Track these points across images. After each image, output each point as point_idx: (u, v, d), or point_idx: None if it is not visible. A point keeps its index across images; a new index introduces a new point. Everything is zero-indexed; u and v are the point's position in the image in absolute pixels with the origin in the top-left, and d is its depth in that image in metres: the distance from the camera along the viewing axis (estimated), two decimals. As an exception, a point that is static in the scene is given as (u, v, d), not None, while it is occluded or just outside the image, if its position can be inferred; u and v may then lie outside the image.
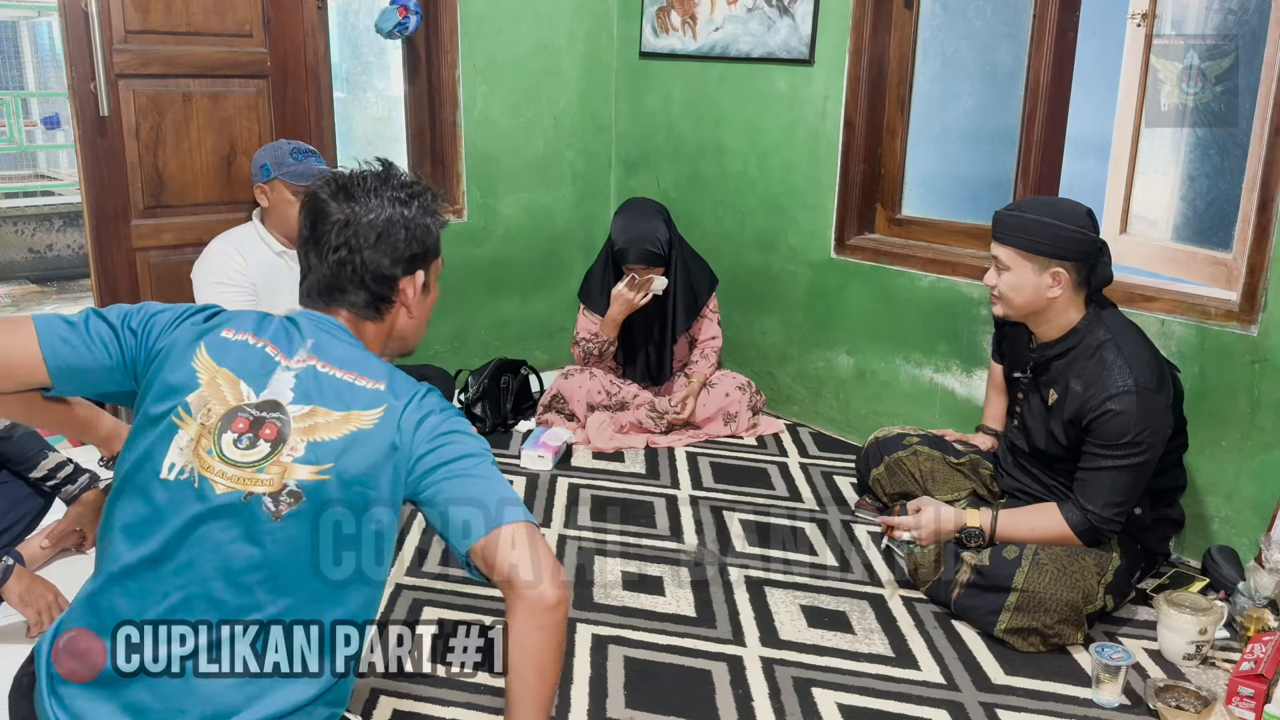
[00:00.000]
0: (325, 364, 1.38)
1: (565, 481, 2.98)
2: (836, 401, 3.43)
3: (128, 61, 2.88)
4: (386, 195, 1.43)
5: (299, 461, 1.31)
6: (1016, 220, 2.18)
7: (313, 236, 1.42)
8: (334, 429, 1.34)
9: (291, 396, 1.35)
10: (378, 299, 1.44)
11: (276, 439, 1.32)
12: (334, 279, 1.42)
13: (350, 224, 1.40)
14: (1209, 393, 2.49)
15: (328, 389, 1.36)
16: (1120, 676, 1.97)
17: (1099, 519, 2.14)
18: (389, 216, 1.42)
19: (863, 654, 2.14)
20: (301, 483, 1.31)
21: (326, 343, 1.41)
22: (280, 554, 1.30)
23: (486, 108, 3.67)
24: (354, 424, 1.34)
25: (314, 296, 1.45)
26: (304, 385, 1.36)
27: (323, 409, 1.34)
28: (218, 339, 1.39)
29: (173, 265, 3.00)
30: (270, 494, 1.30)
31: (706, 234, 3.65)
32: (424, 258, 1.47)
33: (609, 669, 2.05)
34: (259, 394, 1.35)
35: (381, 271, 1.42)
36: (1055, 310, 2.19)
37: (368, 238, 1.41)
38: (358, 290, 1.42)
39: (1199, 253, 2.70)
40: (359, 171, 1.46)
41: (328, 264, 1.41)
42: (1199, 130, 2.86)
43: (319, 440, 1.33)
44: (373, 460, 1.33)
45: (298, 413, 1.34)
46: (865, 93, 3.19)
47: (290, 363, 1.38)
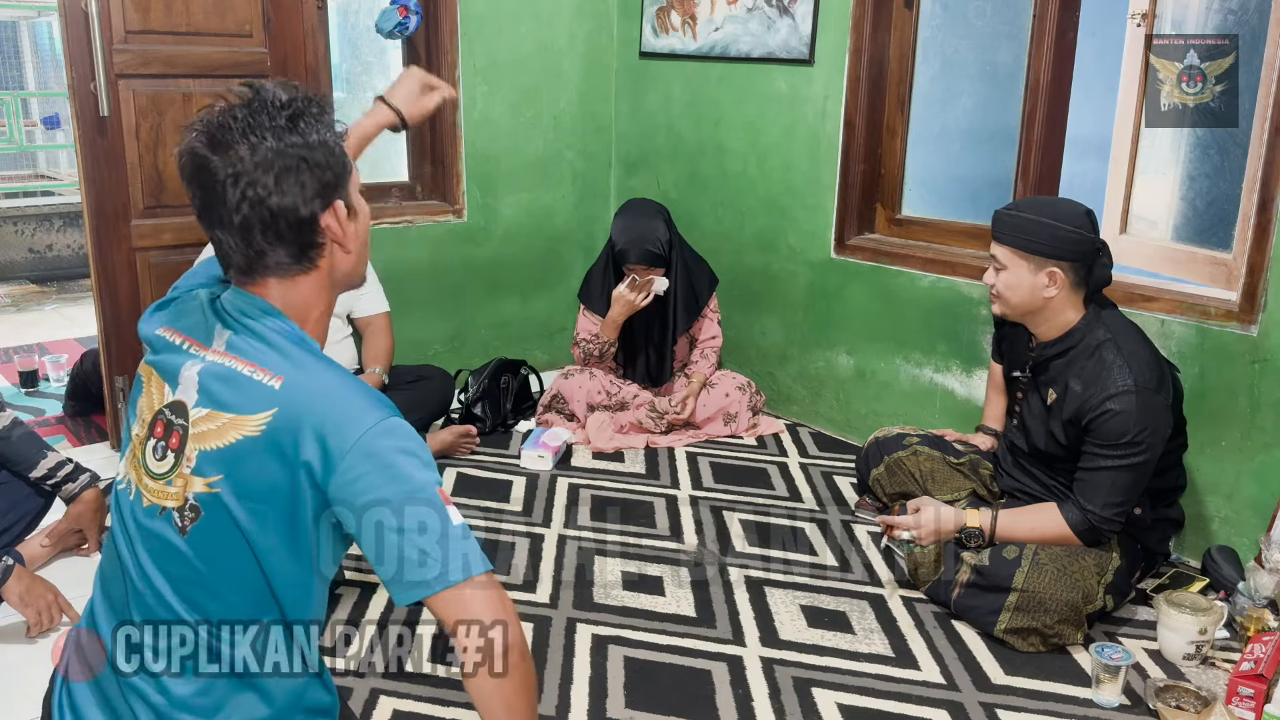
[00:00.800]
0: (231, 355, 1.21)
1: (565, 481, 2.98)
2: (836, 401, 3.43)
3: (128, 61, 2.88)
4: (265, 126, 1.17)
5: (193, 473, 1.19)
6: (1014, 220, 2.18)
7: (206, 204, 1.19)
8: (221, 435, 1.18)
9: (195, 398, 1.21)
10: (304, 248, 1.22)
11: (179, 448, 1.21)
12: (248, 243, 1.19)
13: (241, 175, 1.16)
14: (1209, 393, 2.49)
15: (225, 386, 1.19)
16: (1120, 676, 1.97)
17: (1099, 519, 2.14)
18: (278, 149, 1.16)
19: (863, 654, 2.14)
20: (198, 496, 1.18)
21: (244, 329, 1.23)
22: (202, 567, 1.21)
23: (486, 108, 3.67)
24: (240, 430, 1.16)
25: (237, 271, 1.24)
26: (205, 383, 1.21)
27: (215, 412, 1.19)
28: (155, 338, 1.30)
29: (173, 265, 3.00)
30: (177, 509, 1.20)
31: (706, 234, 3.66)
32: (336, 182, 1.22)
33: (609, 669, 2.05)
34: (173, 394, 1.23)
35: (297, 215, 1.19)
36: (1053, 310, 2.20)
37: (265, 183, 1.16)
38: (277, 247, 1.20)
39: (1199, 253, 2.70)
40: (226, 108, 1.19)
41: (235, 229, 1.18)
42: (1199, 130, 2.86)
43: (208, 449, 1.18)
44: (266, 476, 1.16)
45: (196, 416, 1.20)
46: (865, 93, 3.19)
47: (205, 353, 1.23)
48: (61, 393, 3.62)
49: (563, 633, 2.17)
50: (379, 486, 1.15)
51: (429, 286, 3.67)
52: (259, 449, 1.16)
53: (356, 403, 1.17)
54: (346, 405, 1.17)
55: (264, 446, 1.16)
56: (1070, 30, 2.87)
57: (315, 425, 1.15)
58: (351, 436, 1.15)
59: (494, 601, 1.18)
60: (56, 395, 3.67)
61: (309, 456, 1.15)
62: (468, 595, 1.16)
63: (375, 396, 1.20)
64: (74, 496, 2.32)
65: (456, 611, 1.16)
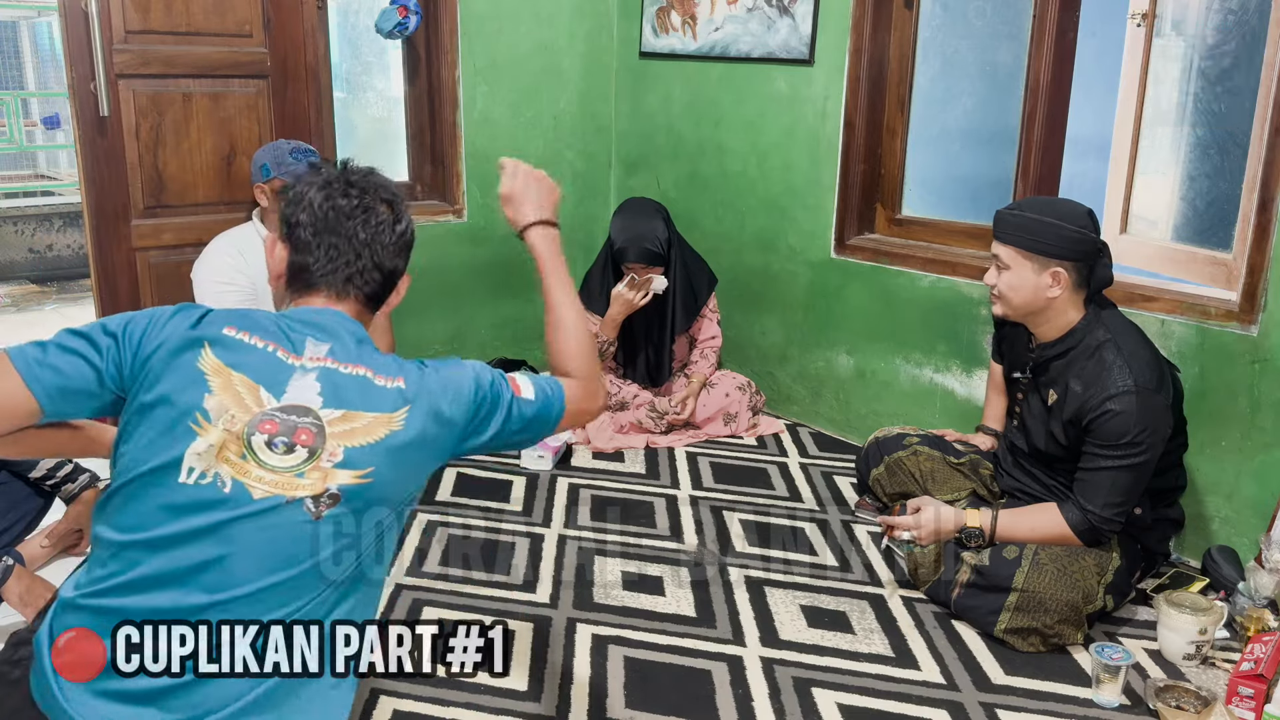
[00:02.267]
0: (339, 363, 1.39)
1: (565, 481, 2.98)
2: (836, 401, 3.43)
3: (128, 61, 2.88)
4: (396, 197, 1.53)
5: (339, 467, 1.33)
6: (1017, 219, 2.18)
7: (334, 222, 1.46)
8: (369, 433, 1.36)
9: (320, 401, 1.36)
10: (384, 293, 1.51)
11: (314, 444, 1.34)
12: (359, 270, 1.47)
13: (389, 223, 1.49)
14: (1209, 393, 2.49)
15: (351, 390, 1.38)
16: (1120, 676, 1.97)
17: (1099, 519, 2.14)
18: (406, 227, 1.52)
19: (863, 654, 2.14)
20: (343, 487, 1.33)
21: (336, 339, 1.42)
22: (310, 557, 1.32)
23: (486, 108, 3.67)
24: (386, 427, 1.37)
25: (326, 284, 1.47)
26: (327, 388, 1.37)
27: (353, 412, 1.36)
28: (222, 338, 1.36)
29: (173, 265, 3.01)
30: (312, 496, 1.32)
31: (706, 234, 3.66)
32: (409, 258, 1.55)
33: (609, 669, 2.05)
34: (280, 398, 1.35)
35: (398, 268, 1.51)
36: (1054, 310, 2.19)
37: (399, 245, 1.50)
38: (373, 283, 1.48)
39: (1199, 253, 2.70)
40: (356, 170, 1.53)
41: (355, 254, 1.46)
42: (1199, 130, 2.86)
43: (356, 445, 1.35)
44: (412, 458, 1.38)
45: (330, 417, 1.35)
46: (865, 93, 3.19)
47: (303, 362, 1.38)
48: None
49: (563, 633, 2.17)
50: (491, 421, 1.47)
51: (429, 286, 3.66)
52: (406, 441, 1.37)
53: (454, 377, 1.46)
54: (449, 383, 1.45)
55: (409, 438, 1.38)
56: (1070, 30, 2.87)
57: (441, 410, 1.41)
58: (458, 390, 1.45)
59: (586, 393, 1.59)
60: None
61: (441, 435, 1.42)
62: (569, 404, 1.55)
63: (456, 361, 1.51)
64: (74, 496, 2.32)
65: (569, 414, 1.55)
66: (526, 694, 1.95)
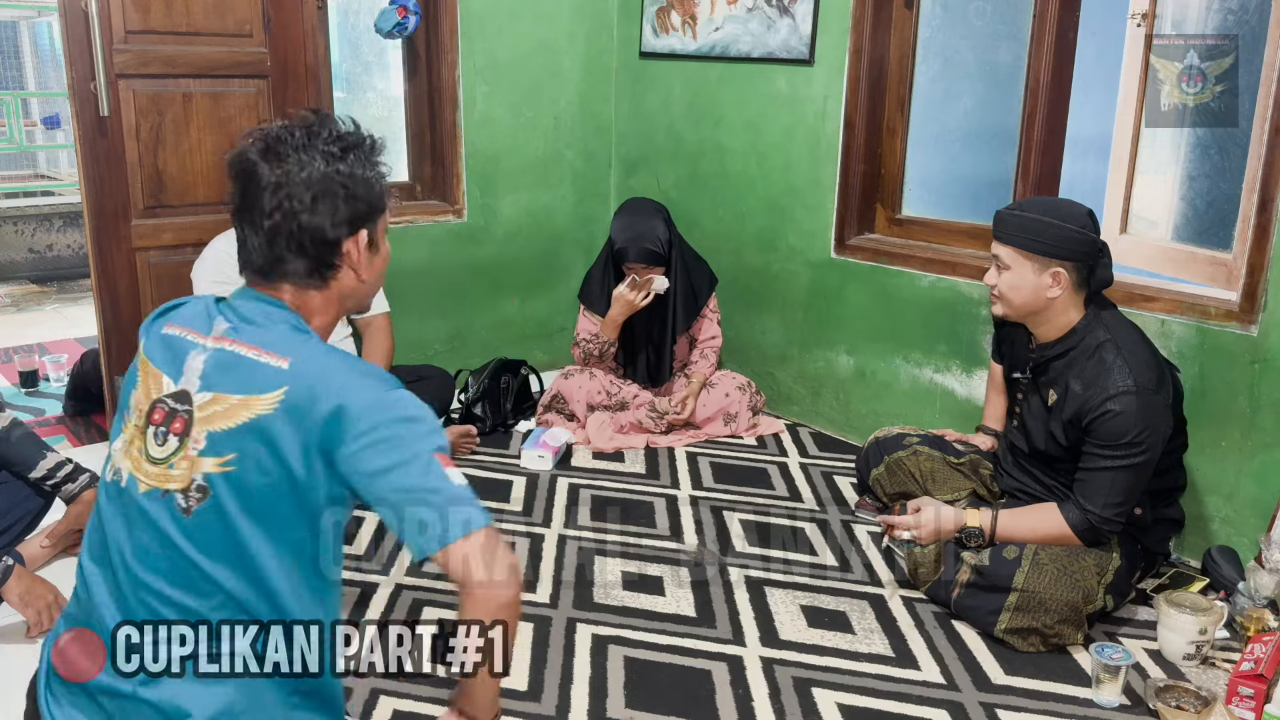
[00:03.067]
0: (238, 342, 1.28)
1: (565, 481, 2.98)
2: (836, 401, 3.43)
3: (128, 61, 2.88)
4: (319, 150, 1.30)
5: (201, 454, 1.24)
6: (1018, 219, 2.18)
7: (244, 204, 1.30)
8: (232, 416, 1.24)
9: (198, 384, 1.27)
10: (320, 265, 1.32)
11: (183, 432, 1.26)
12: (271, 248, 1.30)
13: (282, 186, 1.28)
14: (1209, 393, 2.49)
15: (232, 371, 1.26)
16: (1120, 676, 1.97)
17: (1099, 519, 2.14)
18: (324, 173, 1.29)
19: (863, 654, 2.14)
20: (209, 476, 1.24)
21: (248, 318, 1.31)
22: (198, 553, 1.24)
23: (486, 108, 3.67)
24: (252, 409, 1.23)
25: (253, 271, 1.33)
26: (210, 369, 1.27)
27: (223, 395, 1.25)
28: (157, 335, 1.35)
29: (173, 265, 3.01)
30: (181, 490, 1.25)
31: (706, 234, 3.65)
32: (367, 215, 1.34)
33: (609, 669, 2.05)
34: (176, 384, 1.29)
35: (322, 235, 1.30)
36: (1055, 310, 2.19)
37: (302, 199, 1.28)
38: (297, 258, 1.30)
39: (1199, 253, 2.70)
40: (287, 126, 1.32)
41: (263, 232, 1.29)
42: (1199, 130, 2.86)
43: (217, 430, 1.24)
44: (279, 451, 1.22)
45: (200, 400, 1.26)
46: (865, 93, 3.19)
47: (206, 341, 1.30)
48: (61, 393, 3.62)
49: (563, 633, 2.17)
50: (386, 454, 1.22)
51: (429, 286, 3.67)
52: (273, 425, 1.23)
53: (361, 379, 1.26)
54: (351, 381, 1.25)
55: (277, 423, 1.23)
56: (1070, 30, 2.87)
57: (324, 401, 1.22)
58: (357, 410, 1.23)
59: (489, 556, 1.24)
60: (56, 395, 3.67)
61: (319, 431, 1.22)
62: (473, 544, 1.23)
63: (378, 373, 1.29)
64: (74, 497, 2.32)
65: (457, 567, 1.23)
66: (526, 694, 1.95)
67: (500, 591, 1.23)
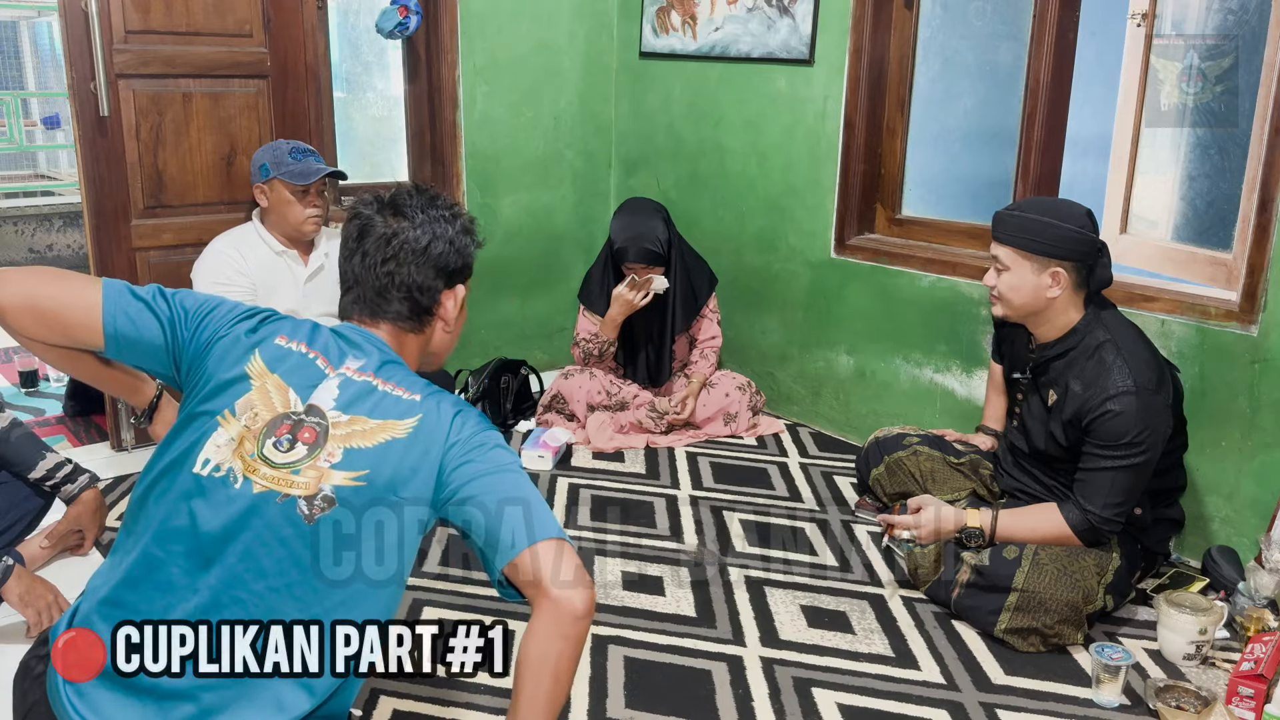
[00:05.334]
0: (368, 375, 1.42)
1: (565, 482, 2.98)
2: (836, 402, 3.43)
3: (127, 61, 2.88)
4: (432, 213, 1.49)
5: (335, 467, 1.34)
6: (1017, 220, 2.18)
7: (359, 249, 1.47)
8: (370, 436, 1.37)
9: (333, 404, 1.38)
10: (420, 311, 1.49)
11: (314, 443, 1.35)
12: (380, 290, 1.47)
13: (397, 236, 1.46)
14: (1209, 393, 2.49)
15: (368, 398, 1.39)
16: (1120, 676, 1.97)
17: (1099, 519, 2.14)
18: (435, 233, 1.48)
19: (863, 654, 2.14)
20: (337, 488, 1.33)
21: (376, 357, 1.44)
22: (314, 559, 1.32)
23: (486, 108, 3.67)
24: (389, 433, 1.37)
25: (358, 308, 1.49)
26: (346, 394, 1.39)
27: (361, 417, 1.38)
28: (272, 345, 1.43)
29: (173, 265, 3.00)
30: (306, 497, 1.32)
31: (706, 234, 3.65)
32: (462, 273, 1.52)
33: (609, 669, 2.05)
34: (305, 401, 1.39)
35: (426, 283, 1.47)
36: (1054, 311, 2.19)
37: (414, 250, 1.46)
38: (401, 301, 1.47)
39: (1199, 253, 2.70)
40: (405, 189, 1.52)
41: (375, 275, 1.46)
42: (1199, 130, 2.86)
43: (355, 447, 1.35)
44: (406, 467, 1.36)
45: (337, 419, 1.37)
46: (865, 93, 3.19)
47: (340, 372, 1.41)
48: (61, 393, 3.62)
49: (563, 633, 2.16)
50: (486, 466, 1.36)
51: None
52: (404, 448, 1.36)
53: (469, 414, 1.42)
54: (464, 415, 1.41)
55: (409, 446, 1.36)
56: (1070, 30, 2.87)
57: (444, 428, 1.38)
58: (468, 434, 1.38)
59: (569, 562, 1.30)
60: (56, 395, 3.67)
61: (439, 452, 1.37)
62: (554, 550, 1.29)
63: (481, 417, 1.45)
64: (73, 497, 2.31)
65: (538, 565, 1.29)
66: (526, 694, 1.95)
67: (575, 597, 1.26)
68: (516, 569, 1.29)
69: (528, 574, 1.29)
